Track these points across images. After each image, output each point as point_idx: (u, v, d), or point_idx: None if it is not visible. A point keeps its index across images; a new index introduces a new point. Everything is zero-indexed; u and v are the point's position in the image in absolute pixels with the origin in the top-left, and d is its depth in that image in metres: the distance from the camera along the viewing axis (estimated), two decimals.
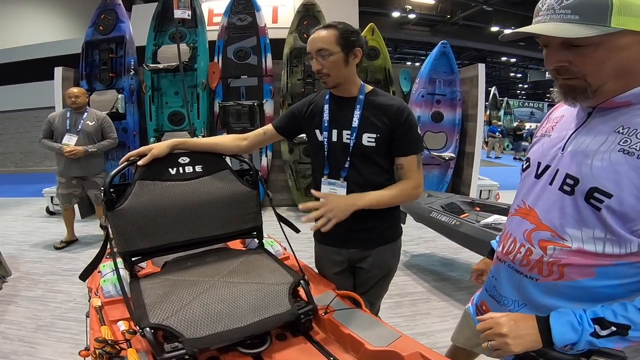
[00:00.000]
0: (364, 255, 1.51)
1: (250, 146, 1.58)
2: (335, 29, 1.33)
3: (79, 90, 3.87)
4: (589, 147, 0.83)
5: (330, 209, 1.25)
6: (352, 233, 1.47)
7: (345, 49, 1.34)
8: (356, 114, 1.40)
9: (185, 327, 0.98)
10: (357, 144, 1.40)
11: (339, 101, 1.46)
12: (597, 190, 0.80)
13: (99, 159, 4.03)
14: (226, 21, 5.22)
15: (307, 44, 1.39)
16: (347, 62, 1.36)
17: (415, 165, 1.41)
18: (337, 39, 1.32)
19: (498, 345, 0.86)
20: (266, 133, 1.59)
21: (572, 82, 0.81)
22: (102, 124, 3.96)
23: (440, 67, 5.66)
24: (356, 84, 1.44)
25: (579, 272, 0.85)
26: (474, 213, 3.15)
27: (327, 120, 1.45)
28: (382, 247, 1.52)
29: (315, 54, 1.35)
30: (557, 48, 0.80)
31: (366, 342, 1.06)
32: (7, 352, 2.26)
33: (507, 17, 13.44)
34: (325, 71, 1.36)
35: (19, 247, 4.12)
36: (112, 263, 1.20)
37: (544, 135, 1.01)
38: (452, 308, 2.84)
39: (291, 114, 1.56)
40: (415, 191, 1.42)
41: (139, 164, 1.31)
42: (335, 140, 1.44)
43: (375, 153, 1.41)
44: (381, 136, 1.38)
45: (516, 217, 1.00)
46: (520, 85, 26.89)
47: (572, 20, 0.74)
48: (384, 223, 1.50)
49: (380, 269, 1.54)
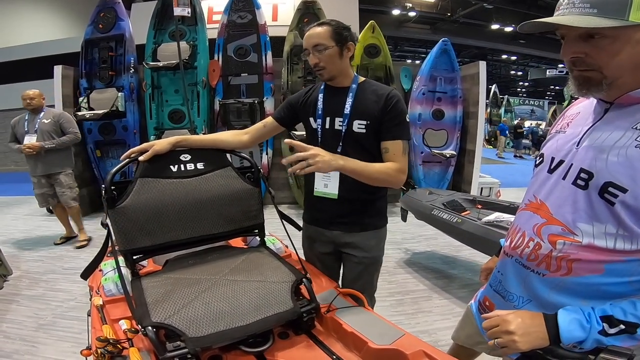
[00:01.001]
0: (348, 240, 1.57)
1: (251, 140, 1.61)
2: (329, 25, 1.42)
3: (33, 92, 3.92)
4: (605, 142, 0.83)
5: (314, 156, 1.24)
6: (336, 217, 1.55)
7: (339, 43, 1.42)
8: (348, 102, 1.48)
9: (188, 326, 0.98)
10: (348, 130, 1.47)
11: (333, 91, 1.53)
12: (611, 184, 0.79)
13: (60, 156, 3.98)
14: (226, 19, 5.21)
15: (303, 41, 1.47)
16: (342, 55, 1.45)
17: (400, 150, 1.44)
18: (332, 34, 1.41)
19: (505, 343, 0.85)
20: (266, 126, 1.64)
21: (587, 74, 0.81)
22: (59, 120, 3.94)
23: (441, 64, 5.64)
24: (350, 76, 1.51)
25: (588, 267, 0.85)
26: (476, 211, 3.14)
27: (321, 108, 1.53)
28: (365, 232, 1.57)
29: (312, 49, 1.43)
30: (574, 40, 0.80)
31: (369, 341, 1.05)
32: (9, 351, 2.26)
33: (507, 15, 13.41)
34: (322, 64, 1.44)
35: (20, 246, 4.12)
36: (114, 261, 1.19)
37: (558, 131, 1.00)
38: (453, 306, 2.83)
39: (288, 103, 1.63)
40: (398, 175, 1.43)
41: (140, 160, 1.31)
42: (327, 127, 1.51)
43: (366, 140, 1.46)
44: (371, 123, 1.44)
45: (526, 212, 0.99)
46: (520, 83, 26.84)
47: (591, 13, 0.75)
48: (368, 211, 1.56)
49: (364, 256, 1.58)
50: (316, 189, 1.55)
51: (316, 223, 1.63)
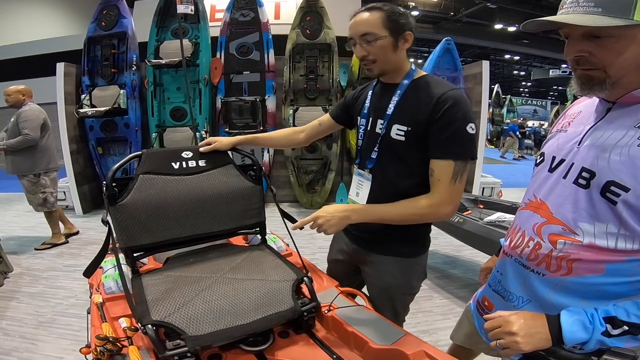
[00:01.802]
0: (365, 258, 1.40)
1: (307, 139, 1.57)
2: (380, 11, 1.17)
3: (10, 88, 3.72)
4: (607, 141, 0.82)
5: (321, 224, 1.13)
6: (359, 230, 1.39)
7: (393, 33, 1.18)
8: (393, 100, 1.24)
9: (188, 324, 0.97)
10: (386, 135, 1.24)
11: (383, 88, 1.32)
12: (613, 183, 0.78)
13: (20, 159, 3.72)
14: (228, 17, 5.20)
15: (348, 28, 1.23)
16: (396, 47, 1.20)
17: (448, 174, 1.12)
18: (384, 22, 1.17)
19: (507, 344, 0.84)
20: (322, 124, 1.55)
21: (591, 73, 0.81)
22: (17, 119, 3.65)
23: (444, 63, 5.61)
24: (404, 70, 1.26)
25: (588, 267, 0.84)
26: (478, 210, 3.13)
27: (367, 107, 1.35)
28: (385, 257, 1.35)
29: (359, 39, 1.20)
30: (578, 39, 0.80)
31: (370, 341, 1.04)
32: (9, 348, 2.26)
33: (510, 15, 13.36)
34: (371, 57, 1.20)
35: (21, 243, 4.12)
36: (114, 259, 1.19)
37: (559, 130, 1.00)
38: (454, 306, 2.82)
39: (343, 102, 1.51)
40: (435, 211, 1.15)
41: (200, 150, 1.39)
42: (369, 129, 1.32)
43: (405, 150, 1.21)
44: (413, 130, 1.18)
45: (526, 211, 0.99)
46: (523, 82, 26.78)
47: (595, 12, 0.74)
48: (395, 232, 1.29)
49: (379, 280, 1.38)
50: (349, 196, 1.41)
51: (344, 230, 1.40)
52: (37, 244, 4.07)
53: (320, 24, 5.20)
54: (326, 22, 5.21)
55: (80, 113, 4.75)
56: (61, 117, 4.90)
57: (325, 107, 5.13)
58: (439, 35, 11.58)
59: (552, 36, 14.01)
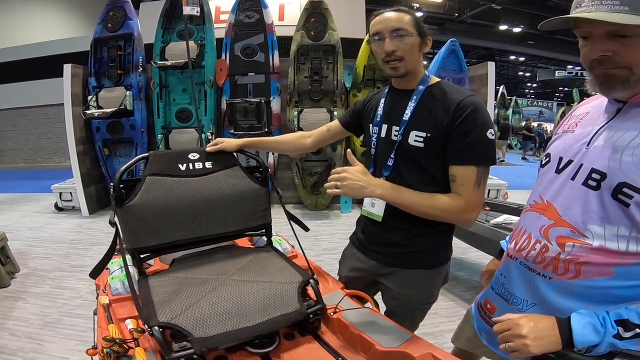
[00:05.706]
0: (386, 272, 1.35)
1: (314, 144, 1.57)
2: (407, 14, 1.19)
3: None
4: (619, 142, 0.81)
5: (343, 179, 1.10)
6: (377, 244, 1.34)
7: (421, 35, 1.20)
8: (409, 106, 1.22)
9: (194, 326, 0.97)
10: (403, 142, 1.22)
11: (397, 94, 1.30)
12: (626, 185, 0.77)
13: None
14: (233, 18, 5.21)
15: (373, 24, 1.22)
16: (421, 49, 1.22)
17: (472, 179, 1.11)
18: (413, 22, 1.18)
19: (517, 347, 0.83)
20: (330, 130, 1.54)
21: (613, 71, 0.79)
22: None
23: (449, 65, 5.58)
24: (419, 75, 1.26)
25: (597, 270, 0.83)
26: (484, 212, 3.11)
27: (380, 114, 1.32)
28: (407, 270, 1.30)
29: (390, 34, 1.17)
30: (601, 38, 0.77)
31: (376, 343, 1.04)
32: (15, 349, 2.28)
33: (515, 16, 13.30)
34: (400, 54, 1.18)
35: (27, 243, 4.15)
36: (120, 260, 1.19)
37: (565, 131, 0.98)
38: (459, 308, 2.81)
39: (353, 108, 1.49)
40: (461, 214, 1.14)
41: (207, 150, 1.41)
42: (383, 136, 1.29)
43: (423, 156, 1.19)
44: (432, 136, 1.17)
45: (532, 213, 0.97)
46: (529, 84, 26.65)
47: (622, 10, 0.73)
48: (417, 244, 1.27)
49: (401, 294, 1.33)
50: (363, 207, 1.36)
51: (357, 245, 1.44)
52: (43, 244, 4.09)
53: (324, 26, 5.21)
54: (330, 24, 5.21)
55: (87, 114, 4.78)
56: (68, 118, 4.94)
57: (330, 109, 5.12)
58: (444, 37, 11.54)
59: (557, 37, 13.91)
